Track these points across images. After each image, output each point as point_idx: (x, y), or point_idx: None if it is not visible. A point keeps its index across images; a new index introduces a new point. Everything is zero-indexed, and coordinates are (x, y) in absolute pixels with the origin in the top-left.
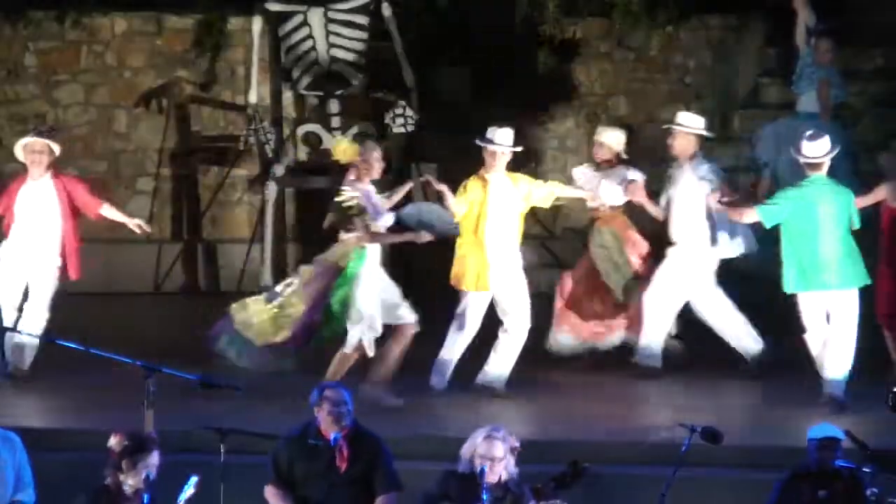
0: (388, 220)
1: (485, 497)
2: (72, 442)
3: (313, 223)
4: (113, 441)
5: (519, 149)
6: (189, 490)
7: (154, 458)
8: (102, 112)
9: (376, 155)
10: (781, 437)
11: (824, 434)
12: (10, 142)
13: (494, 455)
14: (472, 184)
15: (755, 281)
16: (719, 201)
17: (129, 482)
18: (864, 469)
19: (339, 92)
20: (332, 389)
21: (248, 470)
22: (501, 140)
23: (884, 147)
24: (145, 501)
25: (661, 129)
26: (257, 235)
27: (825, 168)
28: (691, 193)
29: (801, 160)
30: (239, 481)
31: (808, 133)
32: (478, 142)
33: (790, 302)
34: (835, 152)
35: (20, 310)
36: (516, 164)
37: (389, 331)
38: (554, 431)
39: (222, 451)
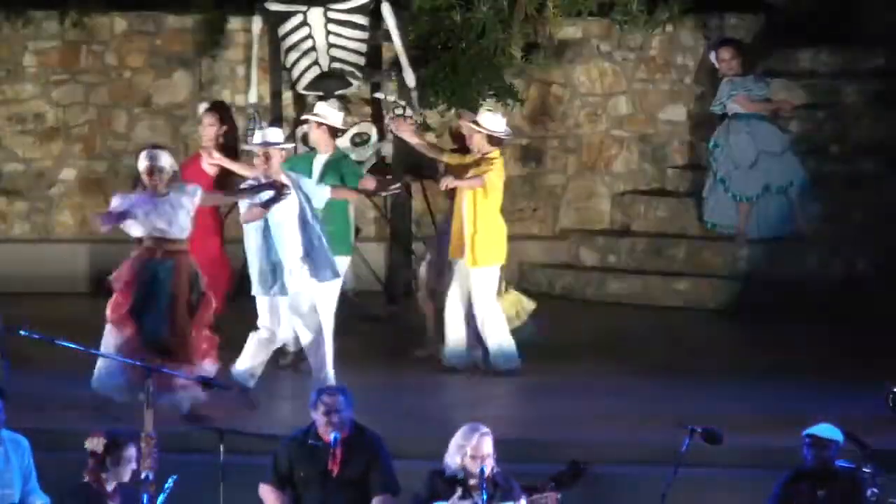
0: None
1: (484, 496)
2: (72, 442)
3: None
4: (93, 442)
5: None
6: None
7: (133, 450)
8: (102, 112)
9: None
10: (781, 437)
11: (814, 432)
12: (10, 142)
13: (488, 451)
14: None
15: None
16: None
17: (115, 478)
18: (864, 469)
19: (339, 92)
20: (329, 394)
21: (248, 470)
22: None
23: (883, 147)
24: (144, 501)
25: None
26: None
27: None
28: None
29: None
30: (239, 481)
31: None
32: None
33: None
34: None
35: None
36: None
37: None
38: (554, 431)
39: (222, 451)
